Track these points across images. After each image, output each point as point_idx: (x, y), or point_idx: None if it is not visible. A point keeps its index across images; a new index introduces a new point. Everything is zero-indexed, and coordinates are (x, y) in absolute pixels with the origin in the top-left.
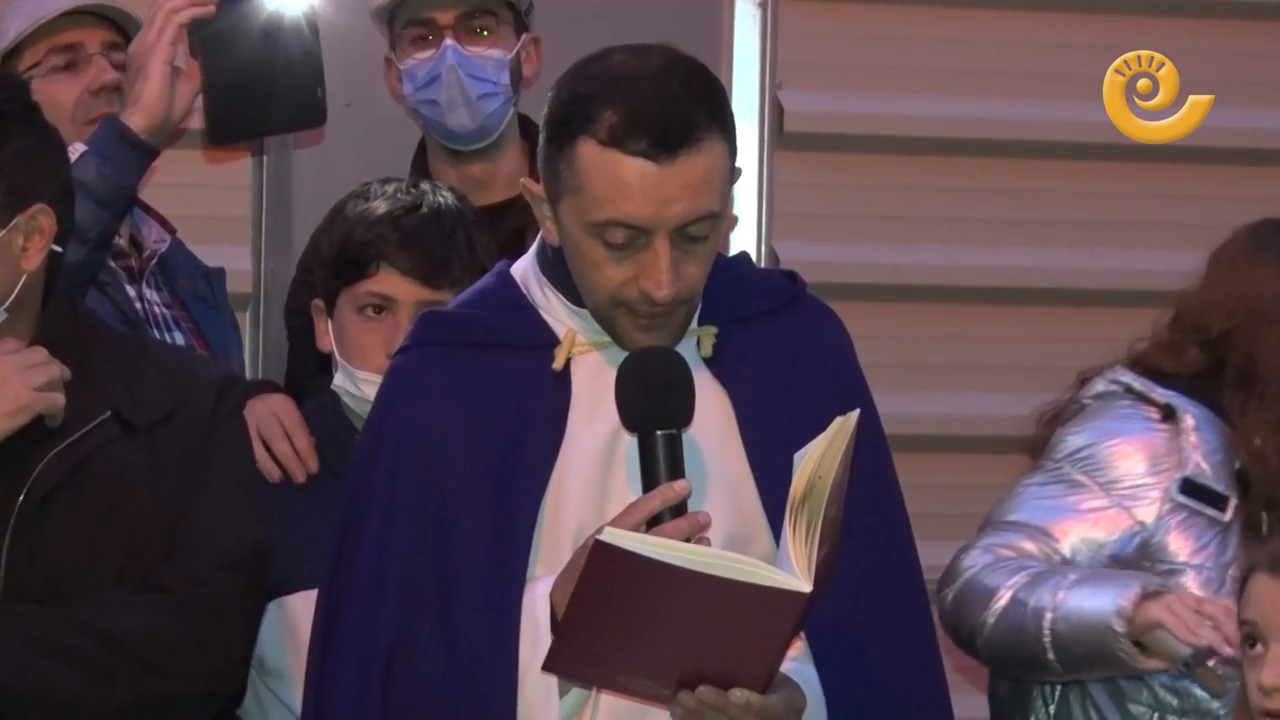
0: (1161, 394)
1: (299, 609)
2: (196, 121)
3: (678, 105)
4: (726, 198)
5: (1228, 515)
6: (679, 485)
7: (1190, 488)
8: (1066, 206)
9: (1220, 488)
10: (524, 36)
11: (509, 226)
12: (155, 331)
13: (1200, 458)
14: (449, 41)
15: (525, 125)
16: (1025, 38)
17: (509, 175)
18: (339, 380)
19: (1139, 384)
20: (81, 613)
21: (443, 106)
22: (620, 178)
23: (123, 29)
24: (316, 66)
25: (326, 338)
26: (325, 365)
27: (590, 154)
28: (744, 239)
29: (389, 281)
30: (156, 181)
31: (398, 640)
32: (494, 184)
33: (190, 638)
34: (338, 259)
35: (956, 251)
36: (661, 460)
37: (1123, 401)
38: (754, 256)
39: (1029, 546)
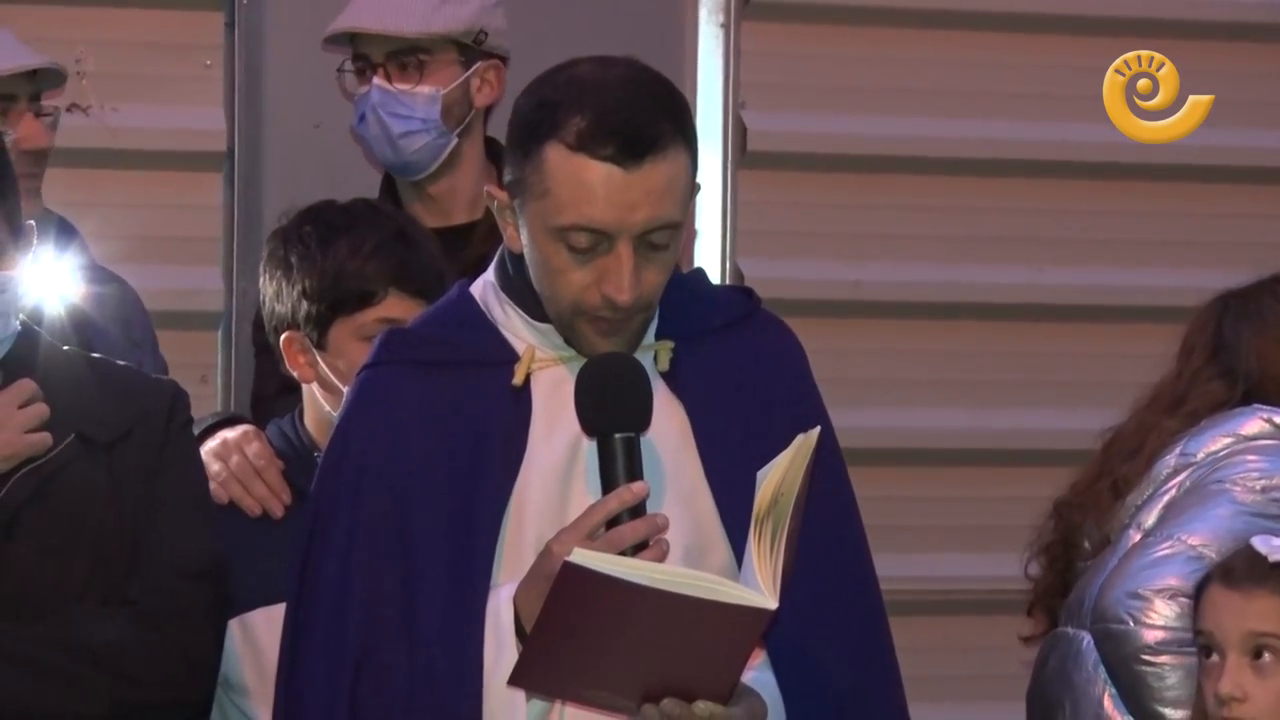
0: None
1: (261, 625)
2: (171, 142)
3: (645, 113)
4: (687, 209)
5: None
6: (636, 487)
7: None
8: (1020, 223)
9: None
10: (476, 65)
11: (472, 251)
12: None
13: None
14: (376, 80)
15: (494, 149)
16: (983, 57)
17: (469, 199)
18: None
19: None
20: (53, 626)
21: (369, 142)
22: (586, 182)
23: None
24: None
25: (310, 369)
26: (288, 385)
27: (557, 158)
28: (708, 256)
29: (397, 306)
30: (127, 203)
31: (363, 655)
32: (453, 207)
33: (161, 646)
34: (330, 291)
35: (915, 268)
36: (620, 463)
37: None
38: (717, 273)
39: None
